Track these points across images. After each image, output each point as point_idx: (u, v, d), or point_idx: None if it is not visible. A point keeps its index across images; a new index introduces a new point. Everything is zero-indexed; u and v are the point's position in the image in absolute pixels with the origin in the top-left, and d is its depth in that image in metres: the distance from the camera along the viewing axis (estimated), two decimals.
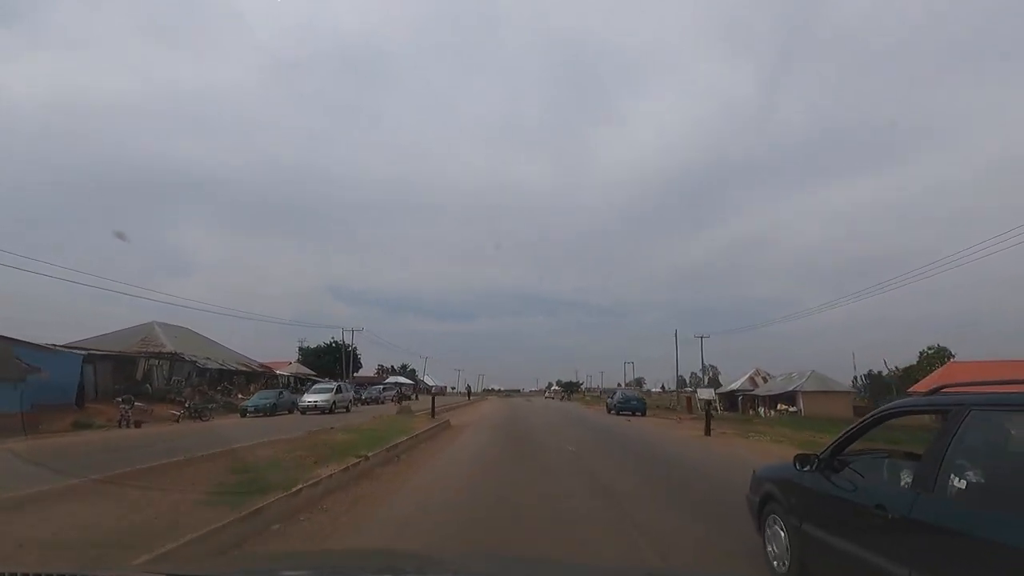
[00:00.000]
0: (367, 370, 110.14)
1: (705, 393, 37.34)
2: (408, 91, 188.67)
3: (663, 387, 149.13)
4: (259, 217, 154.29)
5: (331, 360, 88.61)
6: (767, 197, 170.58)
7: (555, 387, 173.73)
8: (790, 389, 39.96)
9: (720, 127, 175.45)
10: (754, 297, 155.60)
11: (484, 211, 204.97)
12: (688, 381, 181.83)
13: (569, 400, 77.42)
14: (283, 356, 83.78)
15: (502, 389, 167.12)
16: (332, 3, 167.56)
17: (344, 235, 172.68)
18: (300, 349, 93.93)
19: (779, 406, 39.17)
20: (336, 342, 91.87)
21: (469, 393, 62.96)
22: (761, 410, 41.51)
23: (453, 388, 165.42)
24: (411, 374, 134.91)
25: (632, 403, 29.52)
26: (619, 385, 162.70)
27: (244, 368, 45.15)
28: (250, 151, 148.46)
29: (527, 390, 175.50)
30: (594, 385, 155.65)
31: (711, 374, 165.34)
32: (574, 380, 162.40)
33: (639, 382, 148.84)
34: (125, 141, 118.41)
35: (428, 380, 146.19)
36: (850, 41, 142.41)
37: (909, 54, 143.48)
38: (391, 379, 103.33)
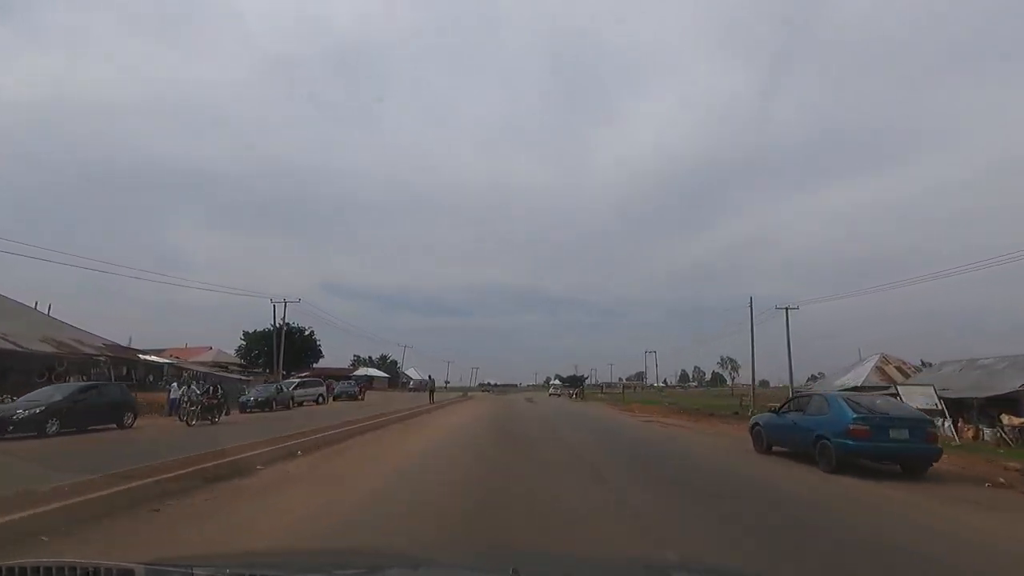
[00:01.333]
0: (339, 360, 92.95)
1: (919, 395, 18.97)
2: (409, 91, 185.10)
3: (666, 382, 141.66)
4: (257, 215, 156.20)
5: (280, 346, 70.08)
6: (767, 197, 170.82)
7: (554, 380, 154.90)
8: (1017, 388, 21.84)
9: (720, 127, 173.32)
10: (754, 296, 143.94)
11: (484, 211, 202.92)
12: (692, 376, 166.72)
13: (583, 400, 59.06)
14: (215, 343, 66.06)
15: (497, 384, 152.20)
16: (332, 2, 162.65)
17: (342, 233, 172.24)
18: (245, 334, 75.49)
19: (1004, 417, 20.91)
20: (289, 325, 73.65)
21: (433, 392, 42.45)
22: (945, 425, 23.25)
23: (447, 383, 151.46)
24: (391, 366, 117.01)
25: (912, 440, 8.79)
26: (621, 380, 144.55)
27: (54, 351, 26.69)
28: (249, 150, 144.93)
29: (524, 384, 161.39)
30: (601, 380, 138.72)
31: (730, 367, 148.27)
32: (576, 374, 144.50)
33: (640, 376, 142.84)
34: (124, 139, 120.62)
35: (413, 373, 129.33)
36: (850, 42, 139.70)
37: (909, 55, 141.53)
38: (361, 371, 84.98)
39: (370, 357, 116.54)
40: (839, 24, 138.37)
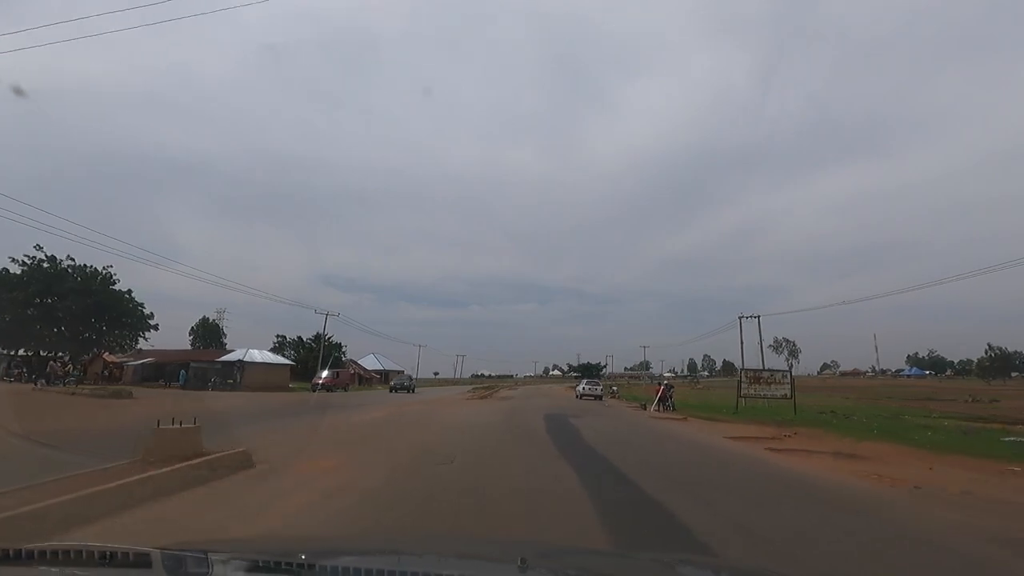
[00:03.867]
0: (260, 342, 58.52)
1: None
2: (404, 81, 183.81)
3: (674, 371, 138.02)
4: (251, 206, 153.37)
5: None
6: (762, 186, 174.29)
7: (553, 371, 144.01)
8: None
9: (715, 117, 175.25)
10: (750, 286, 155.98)
11: (480, 202, 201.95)
12: (701, 364, 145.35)
13: (673, 414, 22.73)
14: None
15: (491, 375, 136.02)
16: None
17: (337, 224, 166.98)
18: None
19: None
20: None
21: None
22: None
23: (436, 375, 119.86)
24: (333, 349, 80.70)
25: None
26: (626, 370, 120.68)
27: None
28: (243, 140, 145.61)
29: (522, 375, 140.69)
30: (618, 370, 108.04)
31: (787, 351, 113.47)
32: (588, 363, 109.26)
33: (645, 366, 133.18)
34: (117, 129, 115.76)
35: (372, 362, 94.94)
36: (845, 31, 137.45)
37: (906, 44, 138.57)
38: (234, 355, 49.01)
39: (300, 338, 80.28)
40: (834, 14, 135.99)
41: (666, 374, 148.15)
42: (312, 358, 75.24)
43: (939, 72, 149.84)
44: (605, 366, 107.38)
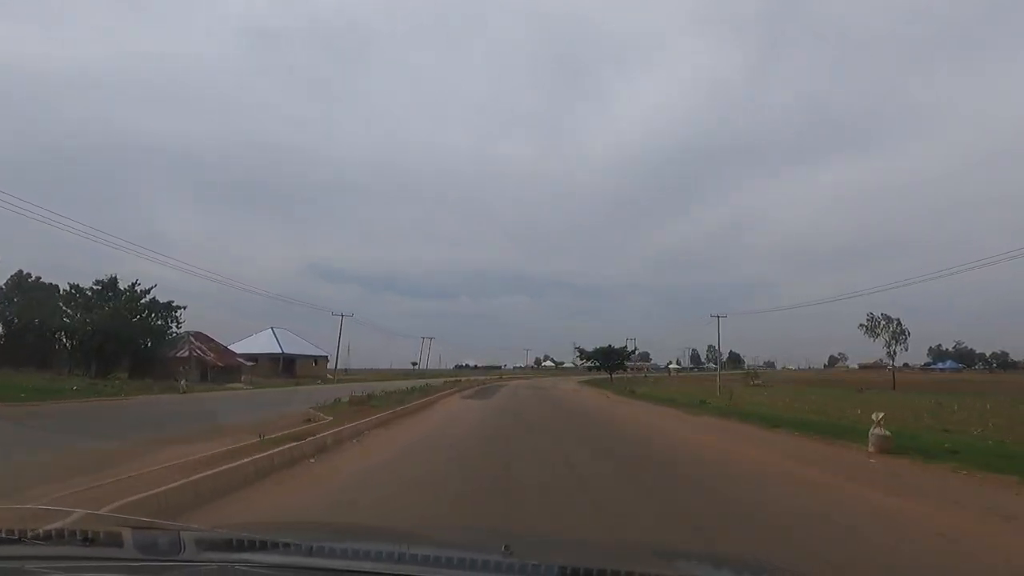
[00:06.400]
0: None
1: None
2: (396, 72, 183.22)
3: (678, 361, 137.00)
4: (239, 196, 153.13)
5: None
6: (755, 181, 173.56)
7: (547, 360, 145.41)
8: None
9: (709, 111, 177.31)
10: (741, 281, 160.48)
11: (471, 195, 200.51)
12: (705, 356, 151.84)
13: None
14: None
15: (478, 366, 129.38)
16: None
17: (327, 216, 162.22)
18: None
19: None
20: None
21: None
22: None
23: (414, 364, 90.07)
24: (147, 310, 43.03)
25: None
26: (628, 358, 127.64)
27: None
28: (230, 130, 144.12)
29: (511, 366, 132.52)
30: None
31: (888, 332, 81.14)
32: (612, 346, 74.88)
33: (645, 357, 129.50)
34: (97, 116, 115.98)
35: (274, 341, 62.61)
36: (844, 29, 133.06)
37: (903, 41, 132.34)
38: None
39: (93, 283, 45.30)
40: (828, 7, 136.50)
41: (672, 366, 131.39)
42: (100, 334, 41.08)
43: (938, 70, 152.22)
44: (634, 350, 75.64)
